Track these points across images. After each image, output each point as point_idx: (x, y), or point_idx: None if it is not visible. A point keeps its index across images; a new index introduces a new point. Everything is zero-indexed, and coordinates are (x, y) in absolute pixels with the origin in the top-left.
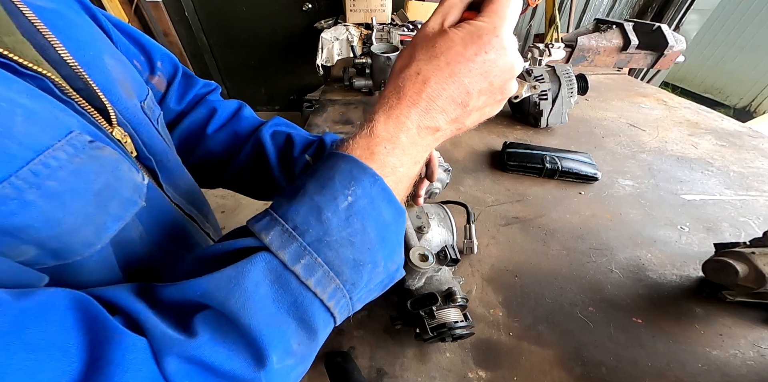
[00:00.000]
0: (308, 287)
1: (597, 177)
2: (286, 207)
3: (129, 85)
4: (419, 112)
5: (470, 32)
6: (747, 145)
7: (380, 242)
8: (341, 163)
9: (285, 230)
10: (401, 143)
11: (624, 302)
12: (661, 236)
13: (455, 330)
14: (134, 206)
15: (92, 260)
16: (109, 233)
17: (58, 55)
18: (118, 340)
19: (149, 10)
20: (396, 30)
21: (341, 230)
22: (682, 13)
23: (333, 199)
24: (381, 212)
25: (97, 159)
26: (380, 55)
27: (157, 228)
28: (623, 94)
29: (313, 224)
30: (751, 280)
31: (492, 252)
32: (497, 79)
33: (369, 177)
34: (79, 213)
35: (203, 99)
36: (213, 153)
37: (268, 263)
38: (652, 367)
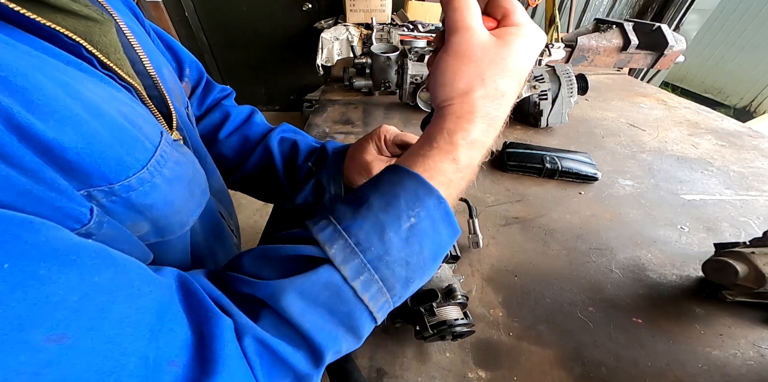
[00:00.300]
0: (362, 301)
1: (597, 177)
2: (351, 221)
3: (179, 94)
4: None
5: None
6: (747, 145)
7: (432, 261)
8: (407, 181)
9: (348, 246)
10: (475, 165)
11: (624, 302)
12: (661, 236)
13: (455, 328)
14: (206, 196)
15: (178, 240)
16: (194, 217)
17: (144, 67)
18: (216, 319)
19: (149, 10)
20: (396, 30)
21: (400, 251)
22: (682, 13)
23: (397, 219)
24: (440, 233)
25: (184, 154)
26: (380, 55)
27: (204, 222)
28: (623, 94)
29: (375, 243)
30: (751, 280)
31: (492, 252)
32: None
33: (434, 199)
34: (181, 196)
35: (219, 104)
36: (224, 156)
37: (331, 276)
38: (652, 367)
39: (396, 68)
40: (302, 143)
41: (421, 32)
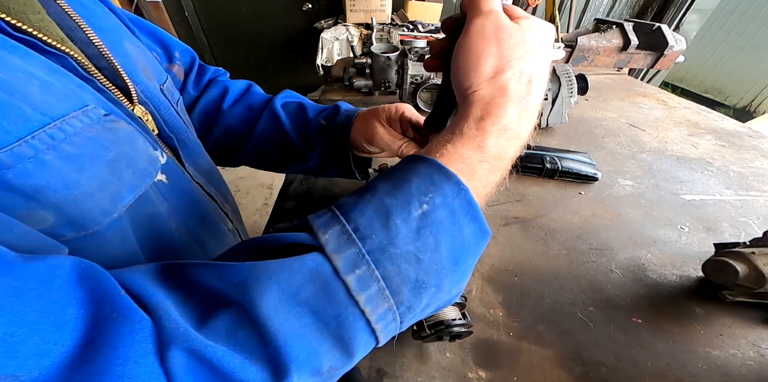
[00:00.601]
0: (357, 304)
1: (597, 177)
2: (351, 206)
3: (148, 69)
4: (529, 119)
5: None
6: (747, 145)
7: (453, 265)
8: (422, 166)
9: (344, 231)
10: (507, 158)
11: (624, 302)
12: (661, 236)
13: (453, 328)
14: (149, 177)
15: (110, 230)
16: (125, 202)
17: (85, 35)
18: (122, 320)
19: (149, 10)
20: (396, 30)
21: (409, 243)
22: (682, 13)
23: (406, 204)
24: (461, 228)
25: (112, 130)
26: (380, 55)
27: (182, 205)
28: (623, 94)
29: (377, 230)
30: (751, 280)
31: (492, 252)
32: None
33: (453, 185)
34: (95, 178)
35: (215, 80)
36: (231, 127)
37: (319, 266)
38: (652, 367)
39: (396, 68)
40: (308, 103)
41: (421, 32)
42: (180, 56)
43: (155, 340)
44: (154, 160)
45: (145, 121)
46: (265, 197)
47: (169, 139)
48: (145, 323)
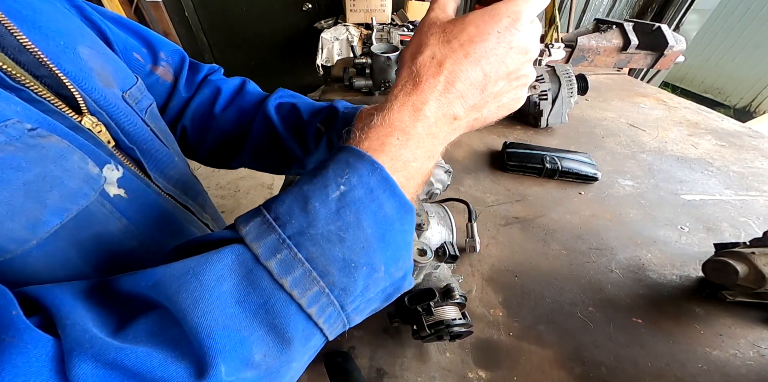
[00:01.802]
0: (282, 287)
1: (597, 177)
2: (274, 198)
3: (109, 75)
4: (437, 98)
5: (483, 13)
6: (747, 145)
7: (379, 241)
8: (339, 154)
9: (265, 221)
10: (417, 134)
11: (624, 302)
12: (661, 236)
13: (453, 328)
14: (84, 198)
15: (32, 257)
16: (48, 228)
17: (17, 41)
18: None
19: (149, 10)
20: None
21: (330, 223)
22: (682, 13)
23: (323, 187)
24: (381, 204)
25: (34, 148)
26: (380, 55)
27: (146, 220)
28: (623, 94)
29: (296, 215)
30: (751, 280)
31: (492, 252)
32: (512, 61)
33: (367, 164)
34: (4, 204)
35: (207, 80)
36: (225, 132)
37: (239, 256)
38: (652, 367)
39: (396, 68)
40: (302, 105)
41: None
42: (167, 57)
43: (54, 354)
44: (93, 178)
45: (97, 133)
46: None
47: (131, 151)
48: (39, 341)
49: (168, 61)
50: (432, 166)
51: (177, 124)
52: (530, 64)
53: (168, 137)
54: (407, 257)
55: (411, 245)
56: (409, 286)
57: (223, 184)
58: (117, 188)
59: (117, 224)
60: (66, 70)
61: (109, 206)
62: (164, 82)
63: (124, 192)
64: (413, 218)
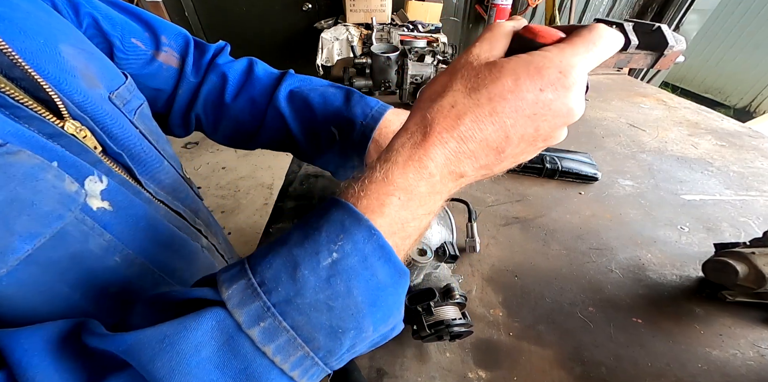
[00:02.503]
0: (265, 354)
1: (597, 177)
2: (261, 257)
3: (94, 74)
4: (446, 155)
5: (528, 63)
6: (747, 145)
7: (370, 306)
8: (334, 212)
9: (249, 285)
10: (419, 194)
11: (624, 302)
12: (661, 236)
13: (453, 328)
14: (58, 221)
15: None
16: (18, 255)
17: None
18: None
19: (149, 9)
20: (396, 30)
21: (318, 292)
22: (682, 13)
23: (314, 254)
24: (375, 272)
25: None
26: (380, 55)
27: (134, 232)
28: (623, 94)
29: (284, 282)
30: (751, 280)
31: (492, 252)
32: (546, 125)
33: (364, 230)
34: None
35: (213, 64)
36: (240, 121)
37: (220, 323)
38: (652, 367)
39: (396, 68)
40: (316, 100)
41: (421, 32)
42: (169, 41)
43: None
44: (69, 197)
45: (82, 139)
46: (265, 197)
47: (119, 156)
48: None
49: (171, 46)
50: (430, 220)
51: (190, 113)
52: (565, 128)
53: (159, 139)
54: (397, 313)
55: (402, 303)
56: (398, 332)
57: (223, 184)
58: (100, 201)
59: (98, 240)
60: (45, 71)
61: (90, 221)
62: (169, 68)
63: (108, 204)
64: (407, 281)
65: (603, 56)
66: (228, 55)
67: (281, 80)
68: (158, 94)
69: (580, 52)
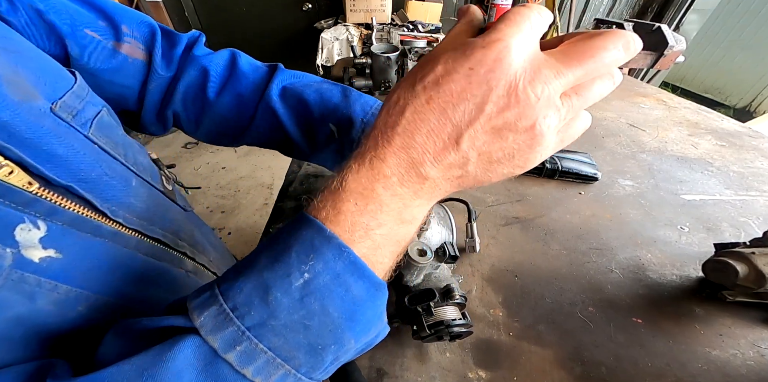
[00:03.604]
0: (245, 376)
1: (597, 177)
2: (231, 282)
3: (26, 81)
4: (395, 153)
5: (455, 46)
6: (747, 145)
7: (348, 321)
8: (303, 230)
9: (221, 311)
10: (376, 197)
11: (624, 302)
12: (661, 236)
13: (453, 328)
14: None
15: None
16: None
17: None
18: None
19: (149, 10)
20: (396, 30)
21: (293, 313)
22: (682, 13)
23: (285, 276)
24: (348, 288)
25: None
26: (380, 55)
27: (101, 274)
28: (623, 94)
29: (256, 305)
30: (751, 280)
31: (492, 252)
32: (494, 108)
33: (333, 249)
34: None
35: (189, 57)
36: (226, 118)
37: (196, 350)
38: (652, 367)
39: (396, 68)
40: (312, 97)
41: (421, 32)
42: (132, 30)
43: None
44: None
45: (5, 178)
46: (265, 197)
47: (68, 187)
48: None
49: (134, 36)
50: (412, 230)
51: (166, 110)
52: (541, 110)
53: (128, 150)
54: (379, 323)
55: (384, 313)
56: (383, 337)
57: (223, 184)
58: (43, 250)
59: (51, 296)
60: None
61: (33, 278)
62: (135, 61)
63: (55, 252)
64: (384, 293)
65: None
66: (204, 45)
67: (272, 76)
68: (127, 91)
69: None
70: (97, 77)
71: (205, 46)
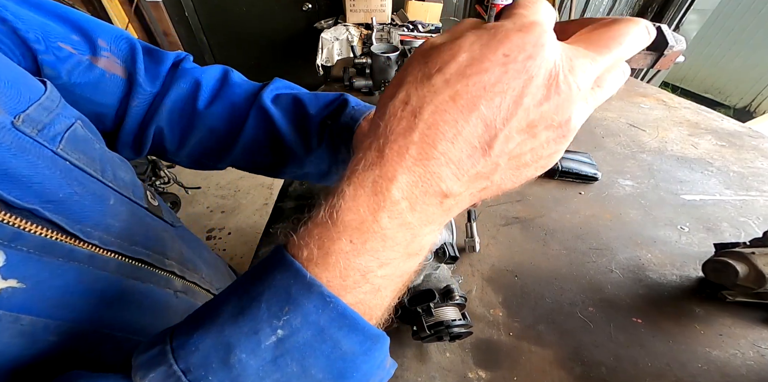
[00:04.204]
0: None
1: (597, 177)
2: (186, 335)
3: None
4: (409, 169)
5: (479, 33)
6: (747, 145)
7: (340, 378)
8: (277, 274)
9: (171, 374)
10: (379, 231)
11: (624, 302)
12: (661, 236)
13: (453, 329)
14: None
15: None
16: None
17: None
18: None
19: (149, 10)
20: (396, 30)
21: (264, 377)
22: (682, 13)
23: (252, 333)
24: (337, 344)
25: None
26: (380, 55)
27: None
28: (623, 94)
29: (214, 369)
30: (751, 280)
31: (492, 252)
32: (532, 100)
33: (315, 299)
34: None
35: (179, 70)
36: (215, 130)
37: None
38: (652, 367)
39: (396, 68)
40: (305, 96)
41: (421, 32)
42: (109, 45)
43: None
44: None
45: None
46: (265, 197)
47: (33, 211)
48: None
49: (111, 51)
50: (418, 262)
51: (149, 127)
52: (572, 100)
53: (106, 165)
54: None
55: (385, 359)
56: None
57: (223, 184)
58: (2, 280)
59: (14, 328)
60: None
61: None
62: (113, 77)
63: (17, 281)
64: (385, 343)
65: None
66: (193, 63)
67: (265, 85)
68: (103, 110)
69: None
70: (73, 93)
71: None
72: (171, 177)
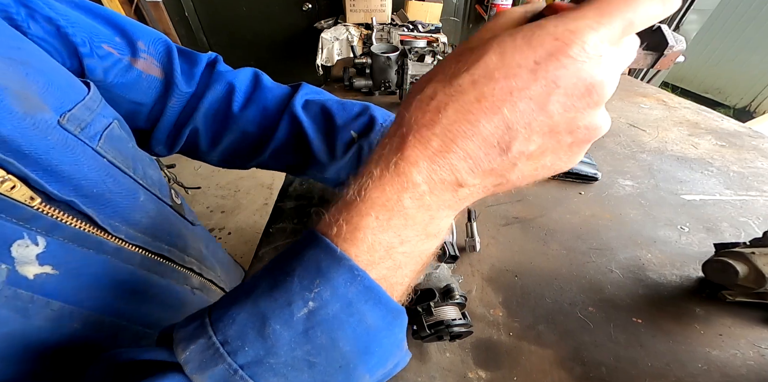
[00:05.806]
0: None
1: (597, 177)
2: (224, 310)
3: (34, 92)
4: (430, 158)
5: (514, 35)
6: (747, 146)
7: (362, 355)
8: (308, 250)
9: (210, 345)
10: (403, 210)
11: (624, 302)
12: (661, 236)
13: (453, 328)
14: None
15: None
16: None
17: None
18: None
19: (149, 10)
20: (396, 30)
21: (295, 348)
22: (682, 13)
23: (286, 305)
24: (362, 318)
25: None
26: (380, 55)
27: (98, 291)
28: (623, 94)
29: (251, 340)
30: (751, 280)
31: (492, 252)
32: (559, 108)
33: (344, 272)
34: None
35: (215, 73)
36: (248, 133)
37: None
38: (652, 367)
39: (396, 68)
40: (334, 107)
41: (421, 32)
42: (148, 47)
43: None
44: None
45: (7, 193)
46: (265, 197)
47: (70, 203)
48: None
49: (150, 53)
50: (436, 244)
51: (185, 126)
52: (597, 110)
53: (138, 164)
54: (398, 352)
55: (403, 340)
56: (404, 365)
57: (223, 184)
58: (39, 267)
59: (44, 312)
60: None
61: (26, 295)
62: (150, 77)
63: (51, 268)
64: (404, 320)
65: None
66: (224, 64)
67: (297, 90)
68: (138, 108)
69: (588, 16)
70: (111, 92)
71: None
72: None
